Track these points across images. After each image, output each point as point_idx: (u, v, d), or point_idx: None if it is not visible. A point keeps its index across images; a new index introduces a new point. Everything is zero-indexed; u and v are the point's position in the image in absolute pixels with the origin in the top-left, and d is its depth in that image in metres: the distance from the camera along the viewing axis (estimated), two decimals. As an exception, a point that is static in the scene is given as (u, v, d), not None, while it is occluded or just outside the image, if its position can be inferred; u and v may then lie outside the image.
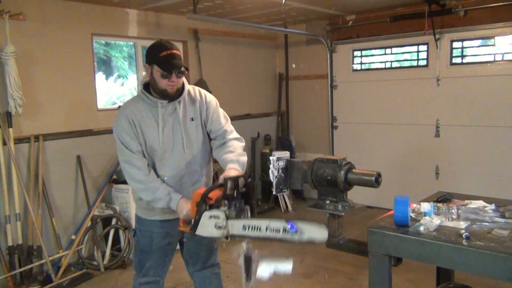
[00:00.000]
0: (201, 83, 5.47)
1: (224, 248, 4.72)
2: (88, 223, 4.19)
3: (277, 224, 1.90)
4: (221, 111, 2.48)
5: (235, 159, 2.25)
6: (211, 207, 1.97)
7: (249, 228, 1.96)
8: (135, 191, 2.36)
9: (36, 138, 4.03)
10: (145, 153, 2.29)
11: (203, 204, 1.98)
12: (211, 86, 5.52)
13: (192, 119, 2.36)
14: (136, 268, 2.51)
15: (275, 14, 5.41)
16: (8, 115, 3.78)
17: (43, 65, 4.09)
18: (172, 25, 5.21)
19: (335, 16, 5.84)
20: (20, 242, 3.84)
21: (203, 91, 2.46)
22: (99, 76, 7.91)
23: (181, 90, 2.33)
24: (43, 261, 3.86)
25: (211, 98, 2.46)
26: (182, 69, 2.24)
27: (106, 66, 9.05)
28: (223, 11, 4.99)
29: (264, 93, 6.58)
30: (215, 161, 2.50)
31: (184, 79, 2.34)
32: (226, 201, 1.96)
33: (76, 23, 4.30)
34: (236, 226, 1.97)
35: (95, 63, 4.68)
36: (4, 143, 3.75)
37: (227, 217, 1.96)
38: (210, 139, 2.47)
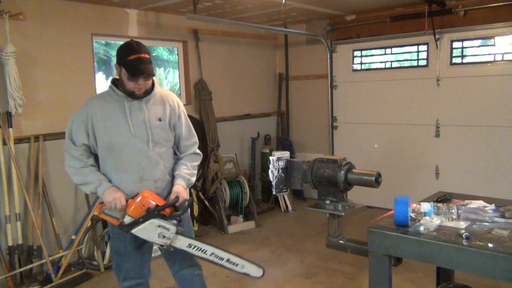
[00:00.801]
0: (201, 83, 5.47)
1: (224, 248, 4.71)
2: (88, 223, 4.18)
3: (222, 254, 2.27)
4: (190, 124, 2.56)
5: (186, 176, 2.43)
6: (161, 217, 2.18)
7: (194, 247, 2.25)
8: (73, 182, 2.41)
9: (36, 138, 4.03)
10: (100, 149, 2.33)
11: (155, 212, 2.17)
12: (211, 86, 5.53)
13: (160, 120, 2.38)
14: (116, 273, 2.49)
15: (275, 14, 5.41)
16: (8, 115, 3.78)
17: (43, 65, 4.09)
18: (172, 25, 5.21)
19: (335, 16, 5.84)
20: (20, 242, 3.84)
21: (176, 99, 2.51)
22: (99, 76, 7.91)
23: (149, 90, 2.36)
24: (43, 261, 3.86)
25: (183, 109, 2.53)
26: (149, 75, 2.27)
27: (106, 66, 9.05)
28: (223, 11, 4.99)
29: (264, 93, 6.59)
30: (215, 161, 2.56)
31: (155, 79, 2.39)
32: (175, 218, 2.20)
33: (76, 23, 4.30)
34: (182, 242, 2.23)
35: (95, 63, 4.68)
36: (4, 143, 3.75)
37: (177, 232, 2.21)
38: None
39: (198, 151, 2.57)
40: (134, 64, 2.20)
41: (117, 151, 2.30)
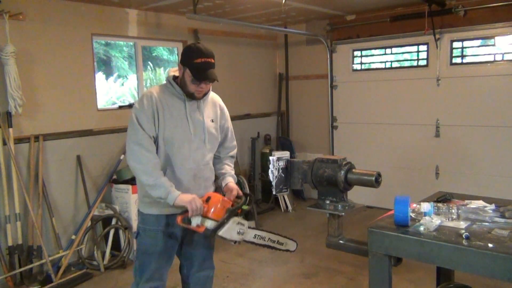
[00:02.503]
0: (201, 83, 5.46)
1: (224, 248, 4.74)
2: (88, 223, 4.19)
3: (275, 237, 2.49)
4: (232, 128, 2.67)
5: (234, 175, 2.52)
6: (236, 215, 2.20)
7: (257, 237, 2.33)
8: (138, 179, 2.28)
9: (36, 138, 4.03)
10: (160, 142, 2.28)
11: (235, 210, 2.19)
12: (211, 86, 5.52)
13: (212, 121, 2.44)
14: (138, 274, 2.40)
15: (275, 14, 5.41)
16: (8, 115, 3.78)
17: (43, 65, 4.08)
18: (172, 25, 5.21)
19: (335, 16, 5.84)
20: (20, 242, 3.84)
21: (222, 102, 2.60)
22: (99, 76, 7.91)
23: (206, 92, 2.41)
24: (43, 261, 3.85)
25: (228, 112, 2.62)
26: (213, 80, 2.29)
27: (106, 66, 9.05)
28: (223, 11, 4.99)
29: (264, 93, 6.58)
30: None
31: None
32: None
33: (76, 23, 4.30)
34: (250, 234, 2.28)
35: (95, 63, 4.68)
36: (4, 143, 3.75)
37: (248, 226, 2.25)
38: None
39: (235, 154, 2.66)
40: (200, 68, 2.22)
41: (177, 147, 2.29)
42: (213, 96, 2.52)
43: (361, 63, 6.03)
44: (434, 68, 5.24)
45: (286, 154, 2.16)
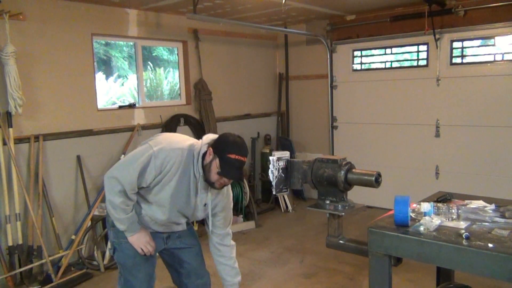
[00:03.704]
0: (201, 83, 5.47)
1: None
2: (88, 223, 4.19)
3: None
4: (231, 211, 2.55)
5: (237, 282, 2.49)
6: None
7: None
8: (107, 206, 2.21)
9: (36, 138, 4.03)
10: (148, 190, 2.19)
11: None
12: (211, 86, 5.53)
13: (205, 205, 2.32)
14: None
15: (275, 14, 5.41)
16: (8, 115, 3.78)
17: (43, 65, 4.08)
18: (172, 25, 5.21)
19: (335, 16, 5.84)
20: (20, 242, 3.84)
21: (228, 189, 2.44)
22: (99, 76, 7.91)
23: None
24: (43, 261, 3.85)
25: (231, 198, 2.48)
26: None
27: (106, 66, 9.05)
28: (223, 11, 4.99)
29: (264, 93, 6.58)
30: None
31: None
32: None
33: (76, 23, 4.30)
34: None
35: (95, 63, 4.68)
36: (4, 143, 3.75)
37: None
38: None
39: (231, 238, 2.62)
40: (232, 165, 2.11)
41: (157, 207, 2.23)
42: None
43: (361, 63, 6.03)
44: (434, 68, 5.24)
45: (286, 154, 2.15)
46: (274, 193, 2.15)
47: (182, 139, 2.25)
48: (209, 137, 2.26)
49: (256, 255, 4.38)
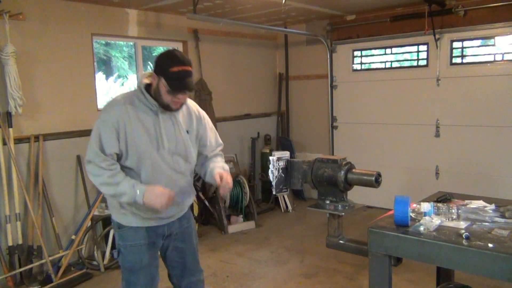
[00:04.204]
0: (201, 83, 5.47)
1: (224, 248, 4.74)
2: (88, 223, 4.18)
3: None
4: (214, 129, 2.47)
5: (225, 166, 2.40)
6: None
7: None
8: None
9: (36, 138, 4.03)
10: (127, 159, 2.12)
11: None
12: (211, 86, 5.53)
13: (188, 132, 2.27)
14: None
15: (275, 14, 5.41)
16: (8, 115, 3.78)
17: (43, 65, 4.08)
18: (172, 25, 5.21)
19: (335, 16, 5.84)
20: (20, 242, 3.84)
21: (198, 108, 2.41)
22: (99, 76, 7.92)
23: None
24: (43, 261, 3.85)
25: (206, 116, 2.42)
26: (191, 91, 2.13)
27: (106, 66, 9.06)
28: (223, 11, 4.99)
29: (264, 93, 6.58)
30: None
31: None
32: None
33: (76, 23, 4.30)
34: None
35: (95, 63, 4.68)
36: (4, 143, 3.75)
37: None
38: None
39: (221, 152, 2.51)
40: (177, 78, 2.04)
41: (149, 163, 2.12)
42: (188, 104, 2.33)
43: (361, 63, 6.03)
44: (434, 68, 5.24)
45: (286, 154, 2.15)
46: (274, 193, 2.15)
47: (120, 95, 2.22)
48: (145, 73, 2.23)
49: (256, 255, 4.38)
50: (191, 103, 2.38)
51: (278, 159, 2.10)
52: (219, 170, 2.29)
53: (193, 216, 2.54)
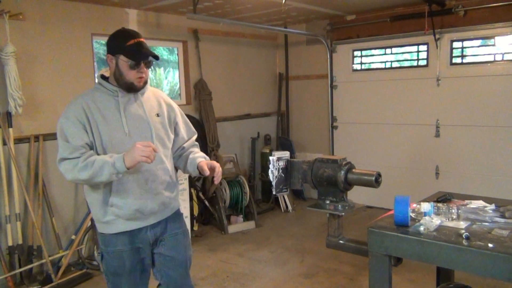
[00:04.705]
0: (201, 83, 5.47)
1: (224, 248, 4.74)
2: (88, 223, 4.18)
3: None
4: (185, 118, 2.41)
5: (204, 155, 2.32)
6: None
7: None
8: (82, 182, 2.00)
9: (36, 138, 4.03)
10: (98, 150, 2.03)
11: None
12: (211, 86, 5.53)
13: (158, 115, 2.18)
14: None
15: (275, 14, 5.41)
16: (8, 115, 3.78)
17: (43, 65, 4.08)
18: (172, 25, 5.21)
19: (335, 16, 5.84)
20: (20, 242, 3.84)
21: (167, 96, 2.34)
22: (99, 76, 7.90)
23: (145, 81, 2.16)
24: (43, 261, 3.85)
25: (176, 105, 2.36)
26: (150, 59, 2.07)
27: (106, 66, 9.05)
28: (223, 11, 4.99)
29: (264, 93, 6.58)
30: (215, 161, 2.40)
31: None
32: None
33: (76, 23, 4.30)
34: None
35: (95, 63, 4.68)
36: (4, 143, 3.75)
37: None
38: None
39: (195, 141, 2.44)
40: (135, 49, 2.01)
41: (117, 151, 2.00)
42: (154, 90, 2.27)
43: (361, 63, 6.03)
44: (434, 68, 5.24)
45: (286, 154, 2.15)
46: (274, 193, 2.14)
47: (77, 95, 2.15)
48: (100, 71, 2.19)
49: (256, 255, 4.38)
50: (158, 91, 2.31)
51: (278, 159, 2.10)
52: (201, 159, 2.22)
53: (186, 226, 2.37)
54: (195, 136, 2.44)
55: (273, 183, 2.12)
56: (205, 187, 5.31)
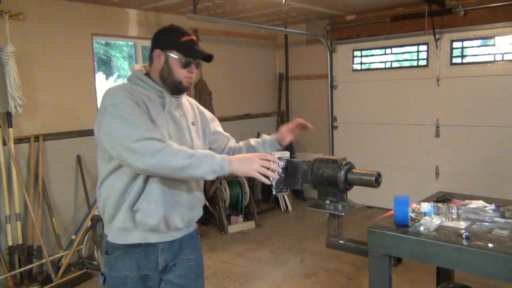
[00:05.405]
0: (201, 83, 5.47)
1: (224, 248, 4.74)
2: (88, 223, 4.18)
3: None
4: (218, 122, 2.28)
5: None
6: None
7: None
8: (165, 170, 1.65)
9: (36, 138, 4.03)
10: None
11: None
12: (211, 86, 5.53)
13: (193, 124, 2.01)
14: None
15: (275, 14, 5.41)
16: (8, 115, 3.78)
17: (43, 65, 4.09)
18: (172, 25, 5.20)
19: (335, 16, 5.84)
20: (20, 242, 3.84)
21: (201, 106, 2.22)
22: (99, 76, 7.92)
23: None
24: (43, 261, 3.85)
25: (209, 113, 2.25)
26: (201, 60, 1.89)
27: (106, 66, 9.06)
28: (223, 11, 4.99)
29: (264, 93, 6.58)
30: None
31: None
32: None
33: (76, 23, 4.30)
34: None
35: (95, 63, 4.68)
36: (4, 143, 3.75)
37: None
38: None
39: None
40: (190, 46, 1.85)
41: None
42: (187, 97, 2.11)
43: (361, 63, 6.03)
44: (434, 68, 5.24)
45: (286, 154, 2.14)
46: (274, 193, 2.13)
47: (113, 87, 1.88)
48: (134, 67, 1.94)
49: (256, 255, 4.38)
50: (190, 98, 2.16)
51: (278, 159, 2.09)
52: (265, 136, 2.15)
53: (201, 250, 2.10)
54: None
55: (273, 183, 2.12)
56: (205, 187, 5.30)
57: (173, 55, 1.84)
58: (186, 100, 2.07)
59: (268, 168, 1.81)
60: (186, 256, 1.97)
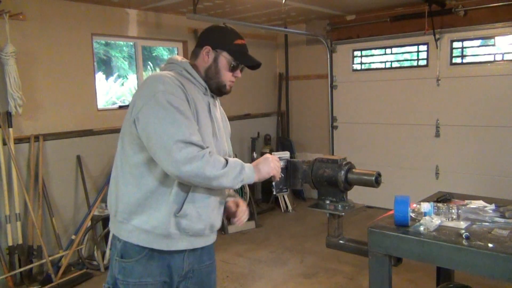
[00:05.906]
0: (201, 83, 5.47)
1: (224, 248, 4.74)
2: (88, 223, 4.19)
3: None
4: None
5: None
6: None
7: None
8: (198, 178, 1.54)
9: (36, 138, 4.03)
10: None
11: None
12: (211, 86, 5.52)
13: (224, 127, 1.97)
14: None
15: (275, 14, 5.41)
16: (8, 115, 3.78)
17: (43, 65, 4.08)
18: (172, 25, 5.21)
19: (335, 16, 5.84)
20: (20, 242, 3.84)
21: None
22: (99, 76, 7.91)
23: None
24: (43, 261, 3.85)
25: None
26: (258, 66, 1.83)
27: (106, 66, 9.05)
28: (223, 11, 4.99)
29: (264, 93, 6.58)
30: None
31: None
32: None
33: (76, 23, 4.30)
34: None
35: (95, 63, 4.68)
36: (4, 143, 3.75)
37: None
38: None
39: None
40: (243, 51, 1.79)
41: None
42: None
43: (361, 63, 6.03)
44: (434, 68, 5.24)
45: (286, 154, 2.14)
46: (274, 193, 2.13)
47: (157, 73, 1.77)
48: (175, 57, 1.81)
49: (256, 255, 4.38)
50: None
51: (278, 159, 2.10)
52: (231, 197, 1.98)
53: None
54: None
55: (273, 183, 2.12)
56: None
57: (224, 56, 1.76)
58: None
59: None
60: (205, 262, 1.88)
